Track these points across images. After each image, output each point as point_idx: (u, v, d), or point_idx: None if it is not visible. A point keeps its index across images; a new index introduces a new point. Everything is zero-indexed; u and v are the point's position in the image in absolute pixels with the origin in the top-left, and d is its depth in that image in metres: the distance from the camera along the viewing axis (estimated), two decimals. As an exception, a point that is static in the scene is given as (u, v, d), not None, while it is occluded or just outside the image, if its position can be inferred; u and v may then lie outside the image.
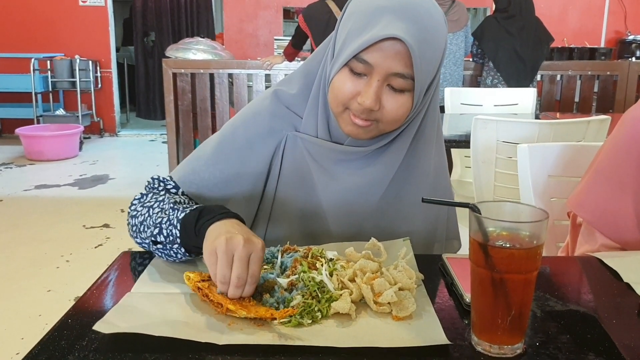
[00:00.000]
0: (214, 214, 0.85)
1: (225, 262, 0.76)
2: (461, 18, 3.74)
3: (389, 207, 1.04)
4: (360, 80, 0.90)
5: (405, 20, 0.86)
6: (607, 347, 0.70)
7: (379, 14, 0.87)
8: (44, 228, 3.79)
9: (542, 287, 0.85)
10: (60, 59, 6.61)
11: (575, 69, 4.61)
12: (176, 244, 0.88)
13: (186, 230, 0.86)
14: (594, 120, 2.08)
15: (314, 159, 1.02)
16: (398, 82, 0.89)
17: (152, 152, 6.33)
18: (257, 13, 6.14)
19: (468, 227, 0.69)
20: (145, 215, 0.94)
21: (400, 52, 0.86)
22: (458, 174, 3.01)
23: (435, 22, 0.90)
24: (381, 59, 0.87)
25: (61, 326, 0.73)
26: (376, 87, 0.89)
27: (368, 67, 0.88)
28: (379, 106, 0.90)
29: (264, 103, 1.05)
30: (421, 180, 1.04)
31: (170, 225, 0.88)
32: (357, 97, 0.90)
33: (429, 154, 1.05)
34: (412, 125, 0.99)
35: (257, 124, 1.04)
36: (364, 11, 0.90)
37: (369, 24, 0.88)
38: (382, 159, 1.01)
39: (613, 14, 6.04)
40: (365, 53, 0.87)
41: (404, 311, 0.74)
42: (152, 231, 0.90)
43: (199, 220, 0.85)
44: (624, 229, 1.06)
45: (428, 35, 0.88)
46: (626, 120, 1.09)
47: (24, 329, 2.49)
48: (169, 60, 4.58)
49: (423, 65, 0.88)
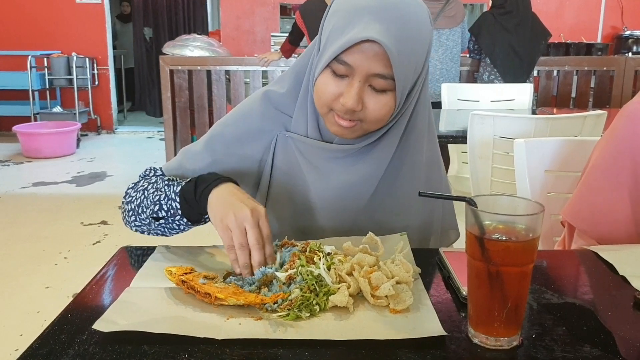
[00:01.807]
0: (209, 182, 0.92)
1: (239, 233, 0.84)
2: (458, 14, 3.73)
3: (382, 203, 1.05)
4: (342, 81, 0.91)
5: (384, 20, 0.86)
6: (602, 339, 0.70)
7: (358, 15, 0.88)
8: (42, 225, 3.79)
9: (538, 280, 0.86)
10: (57, 57, 6.59)
11: (572, 65, 4.62)
12: (178, 216, 0.95)
13: (187, 201, 0.93)
14: (590, 115, 2.09)
15: (305, 158, 1.03)
16: (379, 82, 0.90)
17: (149, 149, 6.32)
18: (254, 10, 6.13)
19: (465, 220, 0.69)
20: (142, 197, 0.99)
21: (379, 54, 0.87)
22: (455, 170, 3.02)
23: (417, 19, 0.90)
24: (361, 60, 0.88)
25: (61, 321, 0.73)
26: (357, 88, 0.89)
27: (349, 68, 0.89)
28: (362, 106, 0.91)
29: (255, 104, 1.07)
30: (413, 175, 1.05)
31: (169, 200, 0.95)
32: (340, 98, 0.91)
33: (420, 148, 1.05)
34: (401, 121, 1.00)
35: (247, 123, 1.06)
36: (344, 12, 0.90)
37: (348, 26, 0.88)
38: (372, 155, 1.01)
39: (610, 9, 6.04)
40: (345, 55, 0.88)
41: (401, 304, 0.75)
42: (152, 209, 0.96)
43: (197, 189, 0.92)
44: (619, 233, 1.06)
45: (408, 34, 0.88)
46: (623, 115, 1.10)
47: (23, 325, 2.49)
48: (166, 57, 4.57)
49: (403, 65, 0.88)
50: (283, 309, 0.74)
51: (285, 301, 0.75)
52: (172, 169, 1.08)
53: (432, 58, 3.68)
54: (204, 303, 0.77)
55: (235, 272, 0.85)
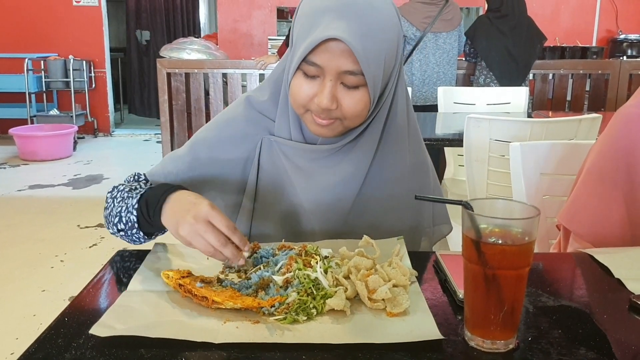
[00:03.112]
0: (157, 199, 0.91)
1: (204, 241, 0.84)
2: (455, 17, 3.75)
3: (369, 203, 1.05)
4: (314, 81, 0.92)
5: (346, 18, 0.87)
6: (598, 341, 0.71)
7: (321, 15, 0.89)
8: (38, 228, 3.78)
9: (534, 283, 0.86)
10: (54, 59, 6.59)
11: (567, 68, 4.64)
12: (135, 229, 0.95)
13: (142, 219, 0.93)
14: (585, 118, 2.10)
15: (290, 160, 1.04)
16: (350, 79, 0.90)
17: (146, 152, 6.32)
18: (250, 13, 6.13)
19: (461, 224, 0.70)
20: (111, 206, 1.00)
21: (346, 50, 0.87)
22: (451, 172, 3.02)
23: (381, 13, 0.90)
24: (328, 59, 0.89)
25: (58, 325, 0.73)
26: (330, 87, 0.90)
27: (318, 68, 0.90)
28: (337, 105, 0.92)
29: (238, 109, 1.08)
30: (398, 174, 1.06)
31: (128, 213, 0.95)
32: (314, 98, 0.92)
33: (402, 145, 1.06)
34: (380, 115, 1.01)
35: (231, 128, 1.07)
36: (308, 13, 0.92)
37: (312, 26, 0.89)
38: (355, 152, 1.02)
39: (604, 13, 6.07)
40: (312, 55, 0.89)
41: (398, 307, 0.75)
42: (113, 221, 0.97)
43: (149, 209, 0.92)
44: (614, 236, 1.07)
45: (372, 29, 0.89)
46: (618, 119, 1.10)
47: (19, 329, 2.48)
48: (163, 60, 4.57)
49: (370, 59, 0.89)
50: (280, 312, 0.74)
51: (282, 304, 0.75)
52: (155, 174, 1.09)
53: (429, 61, 3.70)
54: (201, 307, 0.77)
55: (233, 265, 0.86)
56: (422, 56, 3.70)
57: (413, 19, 3.66)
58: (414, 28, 3.66)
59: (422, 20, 3.66)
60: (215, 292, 0.77)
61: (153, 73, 4.47)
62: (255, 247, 0.90)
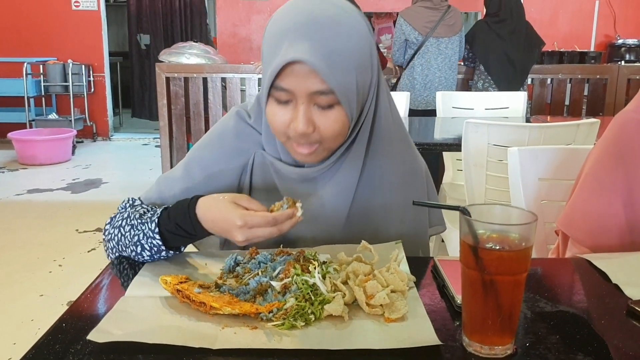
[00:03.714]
0: (183, 212, 0.91)
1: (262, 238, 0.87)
2: (456, 23, 3.77)
3: (362, 212, 1.03)
4: (288, 106, 0.90)
5: (307, 37, 0.85)
6: (596, 347, 0.71)
7: (283, 36, 0.87)
8: (37, 232, 3.78)
9: (532, 289, 0.86)
10: (53, 63, 6.59)
11: (566, 73, 4.65)
12: (163, 251, 0.93)
13: (166, 237, 0.92)
14: (583, 123, 2.11)
15: (281, 179, 1.03)
16: (322, 99, 0.88)
17: (145, 156, 6.32)
18: (250, 17, 6.15)
19: (459, 229, 0.70)
20: (118, 235, 0.97)
21: (312, 71, 0.85)
22: (450, 177, 3.03)
23: (347, 26, 0.88)
24: (296, 82, 0.86)
25: (55, 330, 0.73)
26: (303, 111, 0.88)
27: (288, 93, 0.88)
28: (313, 128, 0.89)
29: (229, 124, 1.06)
30: (389, 181, 1.04)
31: (149, 239, 0.92)
32: (291, 124, 0.90)
33: (390, 152, 1.03)
34: (363, 129, 0.99)
35: (223, 144, 1.05)
36: (272, 35, 0.89)
37: (275, 50, 0.87)
38: (342, 170, 1.00)
39: (603, 18, 6.09)
40: (280, 80, 0.87)
41: (396, 313, 0.75)
42: (135, 249, 0.94)
43: (178, 226, 0.91)
44: (612, 242, 1.07)
45: (338, 44, 0.86)
46: (615, 124, 1.11)
47: (16, 333, 2.48)
48: (162, 65, 4.58)
49: (339, 76, 0.86)
50: (278, 318, 0.74)
51: (280, 310, 0.75)
52: (151, 198, 1.06)
53: (431, 66, 3.71)
54: (199, 312, 0.77)
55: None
56: (424, 61, 3.72)
57: (415, 23, 3.68)
58: (416, 32, 3.68)
59: (425, 25, 3.68)
60: (213, 298, 0.77)
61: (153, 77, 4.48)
62: (253, 253, 0.90)
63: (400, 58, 3.85)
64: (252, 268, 0.87)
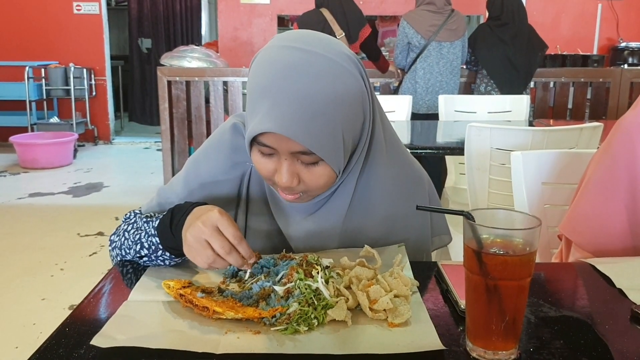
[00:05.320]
0: (183, 211, 0.90)
1: (207, 248, 0.83)
2: (459, 27, 3.77)
3: (358, 224, 1.01)
4: (272, 157, 0.88)
5: (283, 105, 0.81)
6: (600, 352, 0.71)
7: (261, 98, 0.83)
8: (38, 236, 3.78)
9: (535, 293, 0.86)
10: (55, 67, 6.60)
11: (568, 76, 4.65)
12: (160, 251, 0.92)
13: (164, 235, 0.91)
14: (586, 127, 2.10)
15: (273, 200, 1.02)
16: (305, 158, 0.86)
17: (146, 160, 6.32)
18: (251, 21, 6.15)
19: (462, 234, 0.70)
20: (123, 240, 0.97)
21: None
22: (453, 181, 3.03)
23: (330, 82, 0.82)
24: (278, 142, 0.84)
25: (58, 334, 0.73)
26: (287, 166, 0.86)
27: (271, 148, 0.86)
28: (298, 181, 0.88)
29: (224, 137, 1.04)
30: (381, 198, 1.01)
31: (149, 237, 0.92)
32: (276, 174, 0.89)
33: (387, 166, 1.00)
34: (357, 163, 0.96)
35: (219, 158, 1.03)
36: (252, 89, 0.86)
37: (254, 111, 0.85)
38: (335, 195, 0.98)
39: (605, 21, 6.09)
40: (262, 137, 0.85)
41: (400, 318, 0.75)
42: (135, 248, 0.94)
43: (172, 222, 0.90)
44: (615, 246, 1.07)
45: (318, 106, 0.81)
46: (619, 129, 1.10)
47: (18, 337, 2.48)
48: (163, 68, 4.59)
49: (320, 138, 0.83)
50: (281, 322, 0.74)
51: (283, 315, 0.75)
52: (152, 209, 1.06)
53: (433, 70, 3.72)
54: (202, 317, 0.77)
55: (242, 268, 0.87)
56: (426, 64, 3.72)
57: (418, 26, 3.68)
58: (419, 36, 3.68)
59: (427, 29, 3.68)
60: (216, 303, 0.77)
61: (155, 81, 4.49)
62: (257, 257, 0.90)
63: (402, 61, 3.85)
64: (255, 272, 0.87)
